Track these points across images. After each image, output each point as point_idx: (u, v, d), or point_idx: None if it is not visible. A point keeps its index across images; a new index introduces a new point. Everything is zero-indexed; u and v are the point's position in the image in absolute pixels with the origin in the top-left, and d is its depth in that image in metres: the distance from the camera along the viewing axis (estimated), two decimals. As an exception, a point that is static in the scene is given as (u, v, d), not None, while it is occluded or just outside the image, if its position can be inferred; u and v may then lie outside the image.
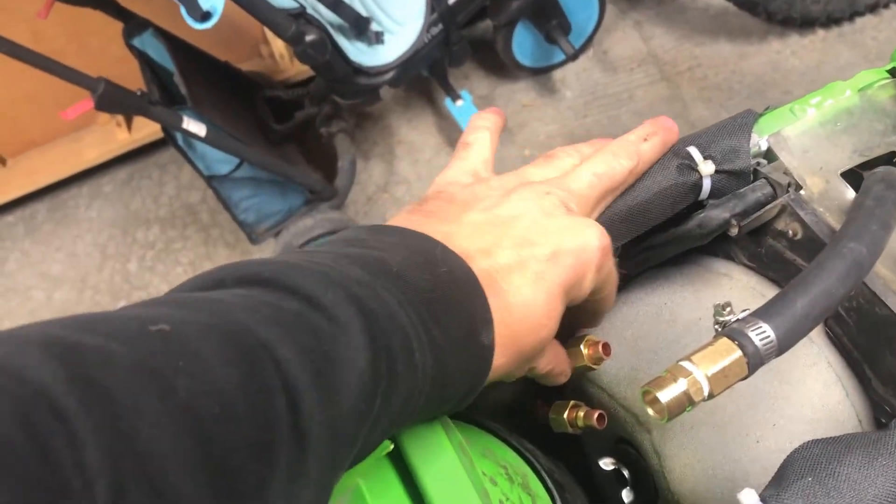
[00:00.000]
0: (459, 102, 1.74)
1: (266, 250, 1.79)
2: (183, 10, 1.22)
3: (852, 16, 1.83)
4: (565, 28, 1.74)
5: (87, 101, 1.30)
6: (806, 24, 1.83)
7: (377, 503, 0.42)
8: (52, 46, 1.72)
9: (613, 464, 0.56)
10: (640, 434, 0.54)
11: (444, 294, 0.38)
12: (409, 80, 1.67)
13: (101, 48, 1.75)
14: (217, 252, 1.81)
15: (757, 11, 1.76)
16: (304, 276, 0.32)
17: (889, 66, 0.58)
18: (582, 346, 0.54)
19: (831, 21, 1.83)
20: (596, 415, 0.54)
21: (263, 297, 0.31)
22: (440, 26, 1.58)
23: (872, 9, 1.81)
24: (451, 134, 1.86)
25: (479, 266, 0.42)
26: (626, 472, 0.56)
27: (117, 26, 1.54)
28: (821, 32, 1.86)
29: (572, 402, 0.56)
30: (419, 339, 0.35)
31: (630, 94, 1.86)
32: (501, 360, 0.42)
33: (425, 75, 1.78)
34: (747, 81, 1.84)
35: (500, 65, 1.87)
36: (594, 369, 0.55)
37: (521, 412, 0.64)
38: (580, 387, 0.59)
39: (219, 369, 0.26)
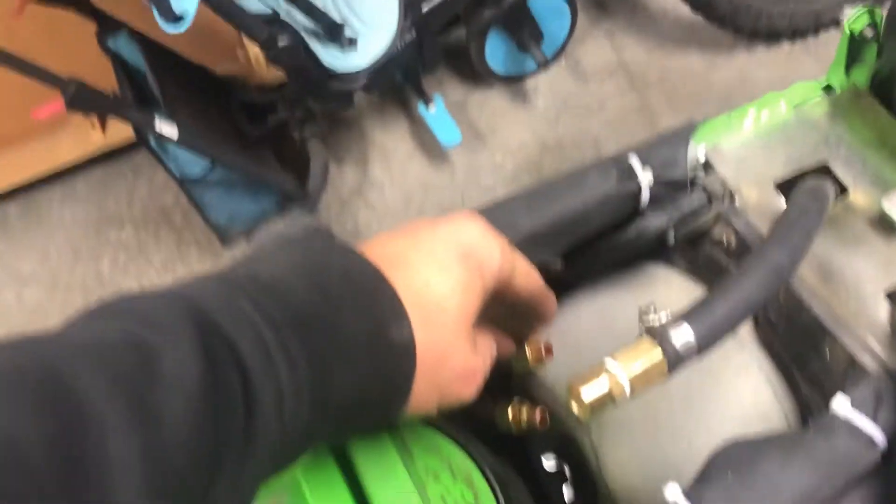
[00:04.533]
0: (433, 108, 1.76)
1: (238, 252, 1.80)
2: (155, 12, 1.23)
3: (817, 29, 1.87)
4: (537, 37, 1.76)
5: (59, 101, 1.30)
6: (772, 37, 1.86)
7: (316, 497, 0.44)
8: (23, 44, 1.71)
9: (555, 461, 0.58)
10: (580, 433, 0.56)
11: (333, 295, 0.36)
12: (384, 85, 1.68)
13: (76, 48, 1.75)
14: (189, 253, 1.82)
15: (725, 24, 1.79)
16: (147, 298, 0.32)
17: (824, 83, 0.61)
18: (526, 348, 0.56)
19: (796, 34, 1.87)
20: (538, 414, 0.56)
21: (98, 325, 0.31)
22: (413, 33, 1.59)
23: (836, 23, 1.85)
24: (425, 139, 1.88)
25: (386, 257, 0.40)
26: (567, 470, 0.58)
27: (92, 27, 1.54)
28: (787, 45, 1.90)
29: (516, 400, 0.58)
30: (284, 348, 0.33)
31: (601, 105, 1.89)
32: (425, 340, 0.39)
33: (399, 80, 1.80)
34: (716, 92, 1.87)
35: (473, 72, 1.89)
36: (537, 371, 0.57)
37: (470, 411, 0.66)
38: (525, 387, 0.61)
39: (13, 419, 0.25)
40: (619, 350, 0.40)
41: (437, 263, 0.41)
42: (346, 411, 0.37)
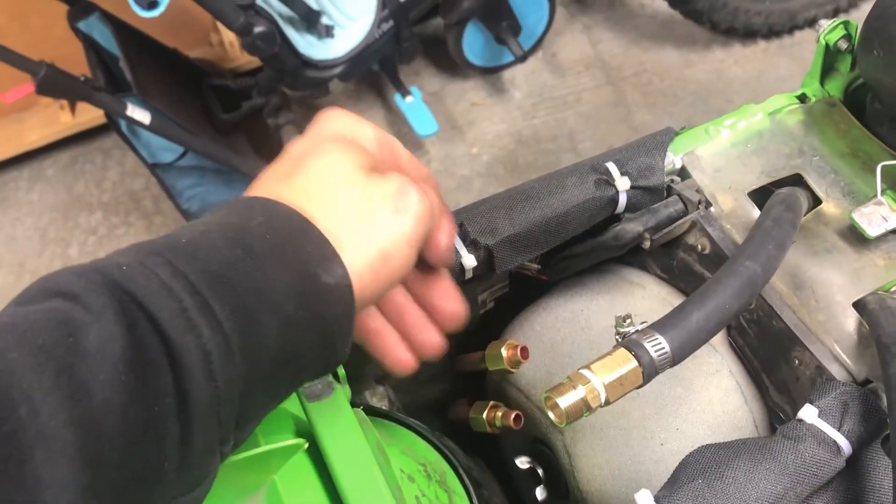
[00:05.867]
0: (409, 99, 1.75)
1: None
2: (129, -2, 1.22)
3: (792, 29, 1.89)
4: (515, 29, 1.76)
5: (29, 84, 1.28)
6: (748, 35, 1.88)
7: (292, 499, 0.44)
8: (-6, 26, 1.68)
9: (529, 462, 0.59)
10: (554, 435, 0.57)
11: (256, 248, 0.36)
12: (360, 75, 1.67)
13: (45, 29, 1.72)
14: (160, 240, 1.80)
15: (702, 21, 1.81)
16: (64, 275, 0.33)
17: (799, 92, 0.62)
18: (503, 349, 0.56)
19: (772, 33, 1.89)
20: (513, 415, 0.57)
21: (23, 308, 0.31)
22: (391, 22, 1.59)
23: (811, 23, 1.87)
24: (401, 129, 1.87)
25: (272, 180, 0.40)
26: (540, 471, 0.59)
27: (62, 7, 1.51)
28: (762, 43, 1.92)
29: (491, 403, 0.58)
30: (204, 309, 0.33)
31: (577, 97, 1.90)
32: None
33: (376, 70, 1.79)
34: (691, 89, 1.89)
35: (450, 63, 1.89)
36: (513, 372, 0.57)
37: (445, 412, 0.67)
38: (500, 389, 0.62)
39: None
40: (594, 360, 0.41)
41: (312, 149, 0.41)
42: (285, 361, 0.37)
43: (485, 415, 0.58)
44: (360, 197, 0.40)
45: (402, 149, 0.46)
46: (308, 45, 1.52)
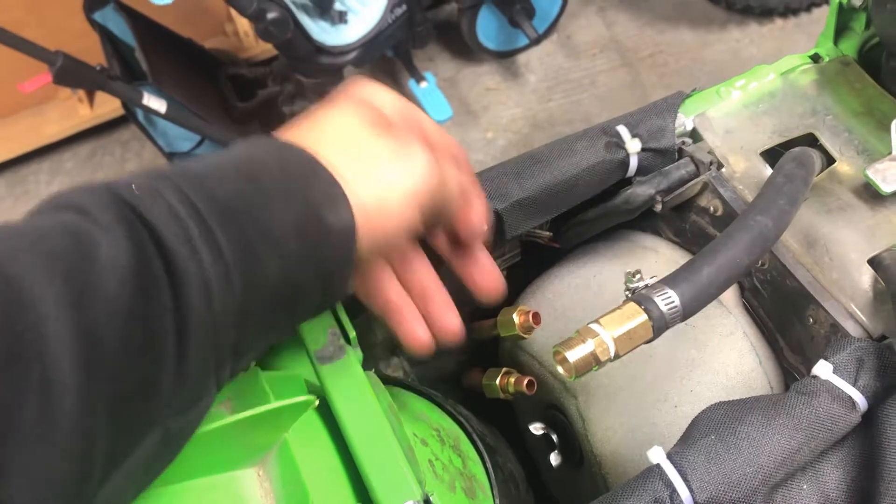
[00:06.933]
0: (423, 84, 1.75)
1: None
2: (143, -15, 1.22)
3: (810, 7, 1.87)
4: (529, 12, 1.75)
5: (46, 74, 1.29)
6: (765, 13, 1.86)
7: (305, 458, 0.44)
8: (9, 17, 1.69)
9: (543, 429, 0.59)
10: (567, 399, 0.56)
11: (264, 183, 0.37)
12: (374, 60, 1.67)
13: (62, 21, 1.73)
14: (179, 229, 1.81)
15: (717, 0, 1.79)
16: (77, 191, 0.33)
17: (811, 52, 0.61)
18: (514, 315, 0.56)
19: (789, 11, 1.87)
20: (526, 381, 0.57)
21: (35, 218, 0.32)
22: (404, 7, 1.58)
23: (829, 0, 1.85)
24: (416, 115, 1.87)
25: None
26: (554, 437, 0.58)
27: (78, 0, 1.53)
28: (779, 22, 1.90)
29: (504, 369, 0.58)
30: (208, 236, 0.34)
31: (592, 80, 1.89)
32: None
33: (389, 56, 1.79)
34: (707, 69, 1.87)
35: (465, 48, 1.88)
36: (525, 338, 0.57)
37: (459, 383, 0.67)
38: (513, 355, 0.61)
39: None
40: (604, 314, 0.41)
41: (329, 107, 0.42)
42: (282, 296, 0.38)
43: (498, 381, 0.58)
44: (365, 147, 0.41)
45: (428, 120, 0.46)
46: (321, 31, 1.52)
